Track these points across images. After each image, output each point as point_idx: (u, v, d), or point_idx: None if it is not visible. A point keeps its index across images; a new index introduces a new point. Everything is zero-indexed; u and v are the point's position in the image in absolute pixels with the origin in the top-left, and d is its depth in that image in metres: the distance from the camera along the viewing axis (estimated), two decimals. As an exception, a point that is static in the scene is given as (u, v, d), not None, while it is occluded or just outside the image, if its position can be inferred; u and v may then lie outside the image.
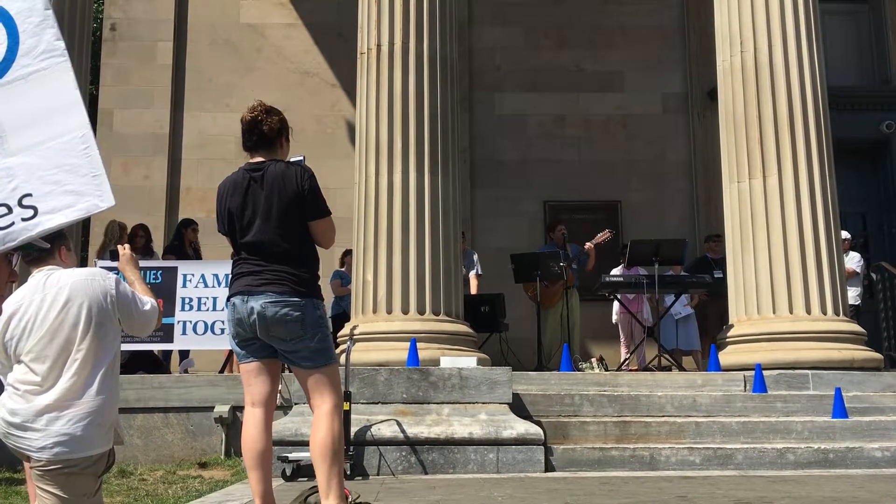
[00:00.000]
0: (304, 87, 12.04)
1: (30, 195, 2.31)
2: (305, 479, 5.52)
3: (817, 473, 5.92)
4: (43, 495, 2.90)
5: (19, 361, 2.98)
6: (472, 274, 9.49)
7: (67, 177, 2.33)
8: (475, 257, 9.66)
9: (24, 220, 2.30)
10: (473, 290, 9.40)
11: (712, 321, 9.82)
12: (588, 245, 9.63)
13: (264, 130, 3.78)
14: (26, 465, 3.02)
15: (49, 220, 2.30)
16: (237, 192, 3.76)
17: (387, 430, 6.07)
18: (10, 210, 2.30)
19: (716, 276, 9.24)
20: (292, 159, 3.90)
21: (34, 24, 2.34)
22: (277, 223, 3.66)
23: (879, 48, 12.44)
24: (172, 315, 7.77)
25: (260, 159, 3.80)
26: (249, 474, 3.71)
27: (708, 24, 9.85)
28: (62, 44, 2.39)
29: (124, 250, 3.47)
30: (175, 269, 8.04)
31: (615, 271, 9.88)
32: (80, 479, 2.91)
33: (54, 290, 3.01)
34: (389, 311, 7.24)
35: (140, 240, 8.99)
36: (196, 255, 9.41)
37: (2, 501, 5.00)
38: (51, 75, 2.34)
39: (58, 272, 3.09)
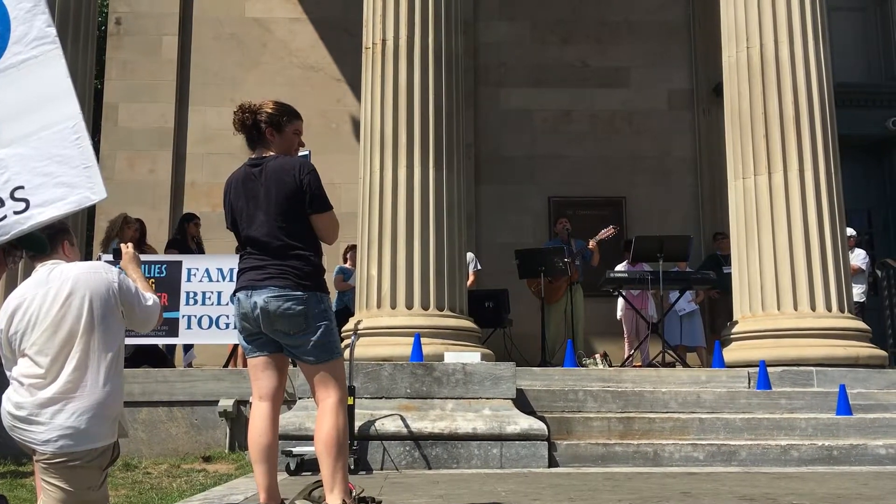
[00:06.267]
0: (309, 81, 12.03)
1: (21, 188, 2.28)
2: (309, 473, 5.53)
3: (821, 470, 5.91)
4: (48, 488, 2.91)
5: (24, 355, 2.98)
6: (471, 269, 9.51)
7: (59, 168, 2.30)
8: (471, 256, 9.66)
9: (16, 213, 2.26)
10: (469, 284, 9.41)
11: (722, 318, 9.78)
12: (591, 243, 9.60)
13: (256, 124, 3.78)
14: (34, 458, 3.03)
15: (41, 214, 2.26)
16: (239, 188, 3.77)
17: (391, 425, 6.08)
18: (2, 203, 2.26)
19: (725, 272, 9.21)
20: (299, 153, 3.89)
21: (25, 11, 2.30)
22: (277, 217, 3.65)
23: (886, 45, 12.39)
24: (177, 309, 7.77)
25: (262, 154, 3.80)
26: (255, 467, 3.71)
27: (714, 20, 9.79)
28: (53, 30, 2.35)
29: (127, 248, 3.48)
30: (179, 263, 8.02)
31: (620, 267, 9.86)
32: (84, 471, 2.92)
33: (57, 283, 3.02)
34: (394, 306, 7.25)
35: (135, 233, 8.81)
36: (199, 249, 9.39)
37: (8, 494, 5.01)
38: (42, 63, 2.30)
39: (61, 266, 3.09)
